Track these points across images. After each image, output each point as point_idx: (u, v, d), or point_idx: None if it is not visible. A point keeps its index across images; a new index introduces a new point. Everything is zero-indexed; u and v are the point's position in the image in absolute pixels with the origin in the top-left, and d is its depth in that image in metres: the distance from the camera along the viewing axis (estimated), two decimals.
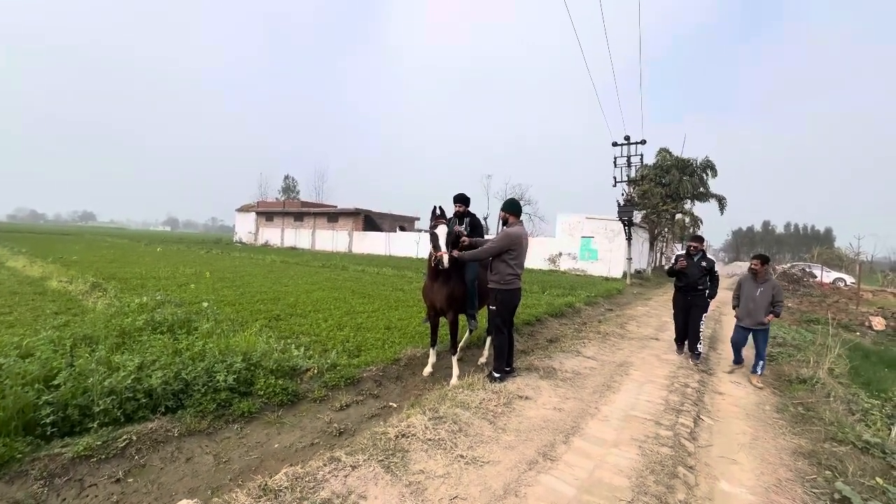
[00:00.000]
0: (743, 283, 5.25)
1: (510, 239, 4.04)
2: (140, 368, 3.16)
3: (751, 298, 5.07)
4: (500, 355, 4.21)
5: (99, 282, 8.89)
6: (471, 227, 4.73)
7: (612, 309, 10.78)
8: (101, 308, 6.32)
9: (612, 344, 6.43)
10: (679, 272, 5.80)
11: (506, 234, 4.08)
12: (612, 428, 3.30)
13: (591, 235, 22.86)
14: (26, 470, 2.27)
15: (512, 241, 4.04)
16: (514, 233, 4.08)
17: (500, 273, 4.08)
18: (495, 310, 4.12)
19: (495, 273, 4.10)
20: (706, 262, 5.69)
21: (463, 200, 4.73)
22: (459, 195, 4.75)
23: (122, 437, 2.61)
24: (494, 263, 4.11)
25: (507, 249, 4.04)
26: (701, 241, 5.88)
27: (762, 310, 4.97)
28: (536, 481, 2.44)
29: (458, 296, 4.27)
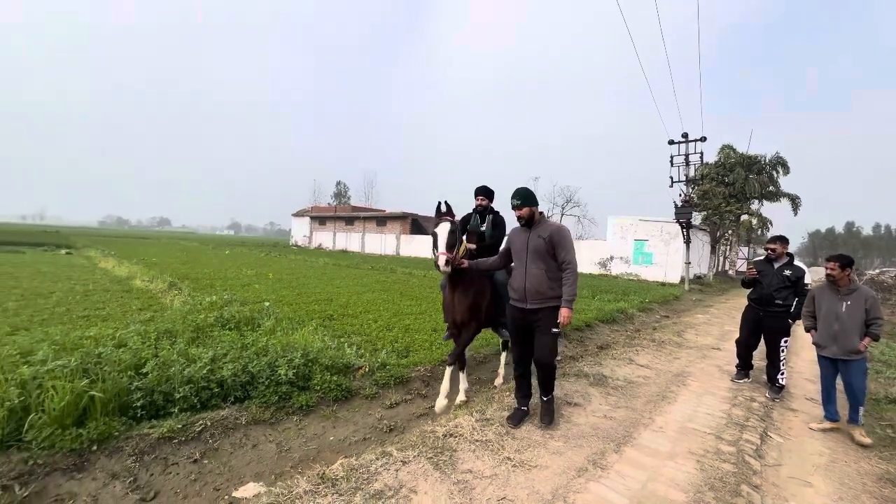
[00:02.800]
0: (819, 296, 3.83)
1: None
2: (213, 361, 3.47)
3: (833, 317, 3.62)
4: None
5: (175, 281, 9.77)
6: (493, 225, 4.08)
7: (668, 316, 10.24)
8: (177, 305, 6.96)
9: (668, 353, 6.11)
10: (752, 282, 4.76)
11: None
12: (668, 440, 3.16)
13: (646, 238, 21.82)
14: (121, 446, 2.58)
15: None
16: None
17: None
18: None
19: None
20: (791, 271, 4.46)
21: (486, 193, 4.13)
22: (482, 187, 4.14)
23: (198, 423, 2.89)
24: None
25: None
26: (784, 243, 4.65)
27: (854, 332, 3.49)
28: (586, 489, 2.40)
29: (481, 305, 3.63)
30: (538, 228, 3.11)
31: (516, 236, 3.23)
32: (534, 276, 3.05)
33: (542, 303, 3.04)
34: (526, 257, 3.10)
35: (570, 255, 3.03)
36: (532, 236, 3.10)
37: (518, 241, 3.19)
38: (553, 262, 3.06)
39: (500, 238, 4.06)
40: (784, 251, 4.63)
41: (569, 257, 3.02)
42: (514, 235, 3.26)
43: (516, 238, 3.23)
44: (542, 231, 3.08)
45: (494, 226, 4.10)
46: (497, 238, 4.08)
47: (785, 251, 4.63)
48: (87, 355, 3.23)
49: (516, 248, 3.20)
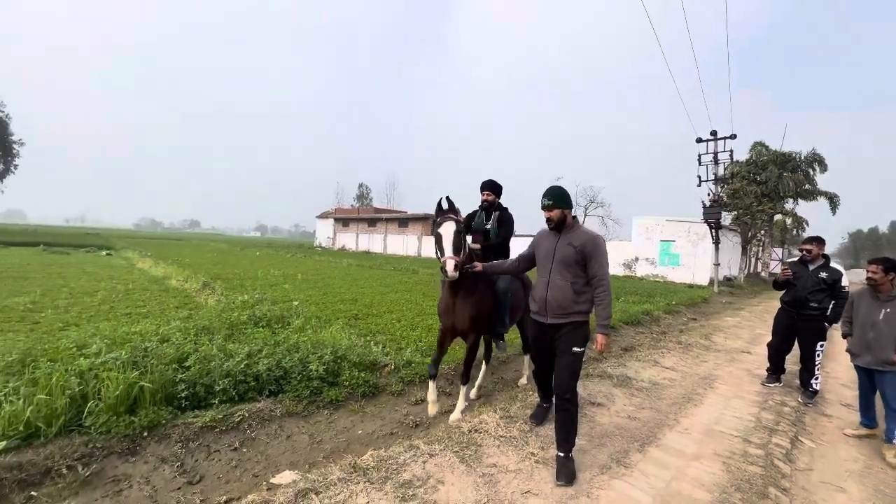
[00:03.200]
0: (858, 301, 3.60)
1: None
2: (249, 356, 3.66)
3: (869, 324, 3.41)
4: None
5: (208, 281, 10.19)
6: (498, 222, 3.76)
7: (695, 318, 10.00)
8: (212, 304, 7.29)
9: (696, 355, 6.01)
10: (785, 283, 4.61)
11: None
12: (693, 441, 3.14)
13: (672, 239, 21.32)
14: (169, 433, 2.78)
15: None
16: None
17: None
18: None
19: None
20: (827, 273, 4.33)
21: (492, 188, 3.80)
22: (488, 181, 3.81)
23: (237, 414, 3.07)
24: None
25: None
26: (820, 244, 4.50)
27: (889, 341, 3.27)
28: (609, 485, 2.44)
29: (485, 313, 3.31)
30: (569, 234, 2.69)
31: (542, 240, 2.84)
32: (557, 287, 2.65)
33: (565, 318, 2.65)
34: (551, 265, 2.71)
35: (604, 270, 2.63)
36: (561, 243, 2.69)
37: (544, 247, 2.80)
38: (582, 275, 2.66)
39: (508, 237, 3.80)
40: (820, 253, 4.47)
41: (602, 273, 2.61)
42: (541, 239, 2.86)
43: (542, 242, 2.84)
44: (573, 238, 2.66)
45: (501, 224, 3.77)
46: (504, 237, 3.78)
47: (821, 253, 4.48)
48: (135, 349, 3.48)
49: (541, 253, 2.81)
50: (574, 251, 2.63)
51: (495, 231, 3.75)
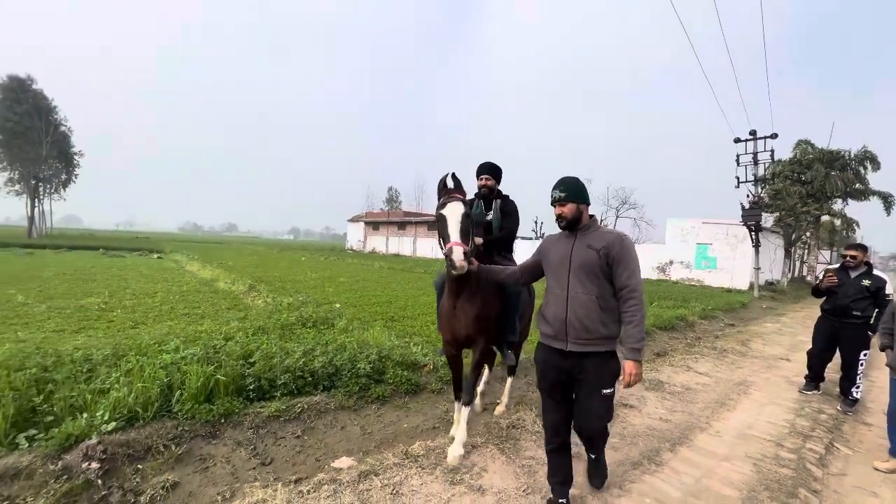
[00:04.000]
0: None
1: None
2: (305, 354, 4.03)
3: None
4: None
5: (253, 284, 10.85)
6: (502, 213, 3.24)
7: (733, 324, 9.80)
8: (260, 305, 7.84)
9: (731, 362, 5.99)
10: (827, 291, 4.52)
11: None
12: (724, 444, 3.26)
13: (709, 242, 20.71)
14: (242, 421, 3.16)
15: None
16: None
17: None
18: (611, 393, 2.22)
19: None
20: (870, 281, 4.25)
21: (491, 171, 3.26)
22: (486, 164, 3.29)
23: (297, 406, 3.43)
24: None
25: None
26: (863, 251, 4.47)
27: None
28: (640, 480, 2.62)
29: (493, 314, 2.85)
30: (588, 236, 2.18)
31: (553, 245, 2.30)
32: (580, 303, 2.10)
33: (590, 345, 2.10)
34: (568, 275, 2.15)
35: (636, 279, 2.09)
36: (578, 246, 2.17)
37: (556, 252, 2.25)
38: (608, 286, 2.12)
39: (513, 231, 3.30)
40: (864, 260, 4.42)
41: (633, 282, 2.08)
42: (550, 244, 2.33)
43: (553, 247, 2.29)
44: (593, 240, 2.14)
45: (505, 214, 3.25)
46: (510, 230, 3.27)
47: (865, 260, 4.43)
48: (207, 346, 3.92)
49: (552, 260, 2.26)
50: (596, 256, 2.09)
51: (498, 223, 3.23)
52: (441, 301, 3.00)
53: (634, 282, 2.11)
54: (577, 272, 2.15)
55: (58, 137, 36.90)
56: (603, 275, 2.13)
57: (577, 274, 2.16)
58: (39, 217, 37.85)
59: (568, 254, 2.20)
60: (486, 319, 2.80)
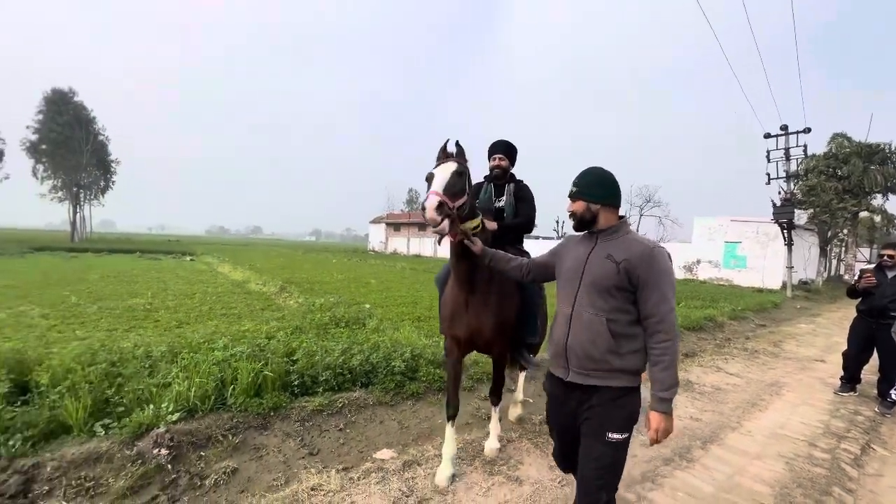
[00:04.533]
0: None
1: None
2: (343, 353, 4.25)
3: None
4: None
5: (284, 285, 11.25)
6: (515, 197, 2.91)
7: (764, 325, 9.59)
8: (293, 306, 8.16)
9: (763, 363, 5.92)
10: (864, 292, 4.43)
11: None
12: (756, 443, 3.29)
13: (738, 240, 20.17)
14: (289, 414, 3.38)
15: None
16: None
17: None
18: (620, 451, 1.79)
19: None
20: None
21: (505, 150, 2.91)
22: (500, 142, 2.93)
23: (338, 401, 3.64)
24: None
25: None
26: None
27: None
28: (672, 475, 2.70)
29: (512, 315, 2.51)
30: (610, 242, 1.74)
31: (569, 248, 1.90)
32: (584, 323, 1.69)
33: (596, 377, 1.68)
34: (577, 289, 1.75)
35: (667, 305, 1.63)
36: (596, 254, 1.74)
37: (570, 258, 1.85)
38: (627, 308, 1.68)
39: (530, 218, 2.94)
40: None
41: (662, 309, 1.62)
42: (567, 247, 1.94)
43: (568, 252, 1.89)
44: (615, 248, 1.70)
45: (519, 200, 2.90)
46: (527, 217, 2.91)
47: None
48: (252, 344, 4.18)
49: (565, 267, 1.85)
50: (615, 269, 1.65)
51: (512, 209, 2.87)
52: (444, 296, 2.63)
53: (665, 310, 1.60)
54: (588, 287, 1.71)
55: (97, 146, 38.86)
56: (620, 294, 1.66)
57: (588, 289, 1.71)
58: (80, 222, 39.90)
59: (582, 262, 1.76)
60: (506, 319, 2.42)
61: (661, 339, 1.62)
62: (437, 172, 2.16)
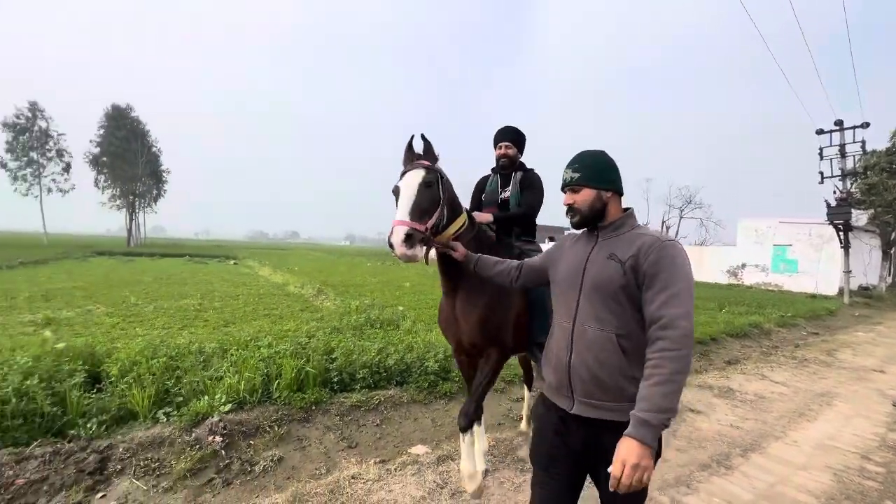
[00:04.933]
0: None
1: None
2: (379, 352, 4.42)
3: None
4: None
5: (321, 288, 11.68)
6: (521, 186, 2.65)
7: (816, 333, 9.04)
8: (330, 308, 8.48)
9: (813, 371, 5.62)
10: None
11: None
12: (802, 453, 3.16)
13: (788, 243, 19.06)
14: (329, 408, 3.57)
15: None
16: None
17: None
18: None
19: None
20: None
21: (513, 138, 2.67)
22: (507, 128, 2.70)
23: (375, 398, 3.79)
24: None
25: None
26: None
27: None
28: (709, 481, 2.66)
29: (506, 320, 2.20)
30: (614, 239, 1.44)
31: (566, 250, 1.59)
32: (589, 342, 1.38)
33: (607, 409, 1.35)
34: (577, 298, 1.44)
35: (679, 307, 1.26)
36: (597, 254, 1.45)
37: (566, 261, 1.55)
38: (638, 317, 1.35)
39: (535, 207, 2.68)
40: None
41: (670, 312, 1.26)
42: (563, 249, 1.62)
43: (563, 255, 1.59)
44: (620, 246, 1.41)
45: (525, 188, 2.65)
46: (530, 205, 2.65)
47: None
48: (294, 343, 4.42)
49: (560, 273, 1.56)
50: (620, 270, 1.35)
51: (517, 199, 2.64)
52: (440, 302, 2.46)
53: (674, 314, 1.24)
54: (590, 294, 1.40)
55: (150, 157, 41.73)
56: (630, 301, 1.35)
57: (590, 297, 1.41)
58: (135, 228, 42.87)
59: (581, 265, 1.45)
60: (496, 323, 2.16)
61: (662, 347, 1.22)
62: (402, 186, 1.91)
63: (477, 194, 2.89)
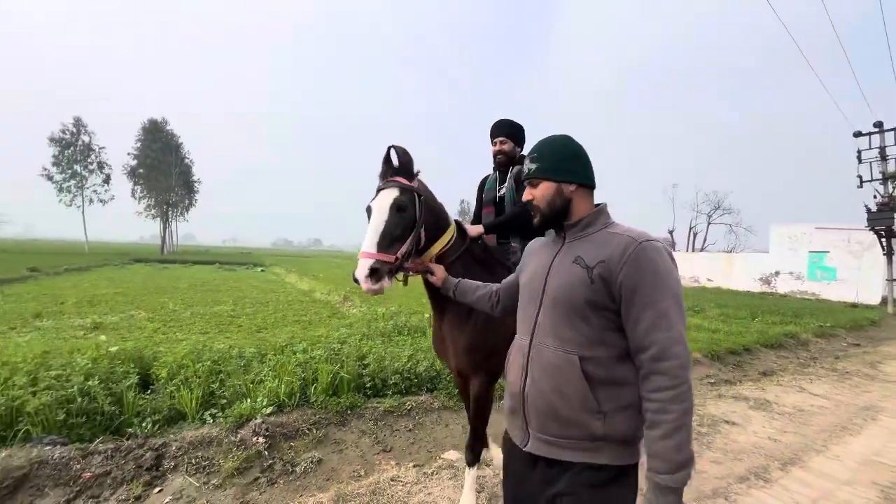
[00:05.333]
0: None
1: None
2: (409, 358, 4.52)
3: None
4: None
5: (347, 295, 11.92)
6: (516, 184, 2.39)
7: (858, 344, 8.66)
8: (357, 314, 8.66)
9: (855, 384, 5.40)
10: None
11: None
12: (846, 468, 3.07)
13: (825, 250, 18.30)
14: (363, 413, 3.68)
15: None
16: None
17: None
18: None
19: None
20: None
21: (509, 132, 2.47)
22: (500, 122, 2.49)
23: (407, 403, 3.88)
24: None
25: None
26: None
27: None
28: (747, 493, 2.62)
29: (498, 339, 1.91)
30: (582, 241, 1.23)
31: (532, 256, 1.39)
32: (550, 365, 1.16)
33: (567, 447, 1.13)
34: (537, 310, 1.24)
35: (670, 330, 1.04)
36: (561, 258, 1.24)
37: (529, 269, 1.36)
38: (614, 338, 1.13)
39: (527, 206, 2.19)
40: None
41: (661, 336, 1.04)
42: (531, 254, 1.41)
43: (531, 258, 1.39)
44: (588, 248, 1.19)
45: (520, 184, 2.36)
46: (522, 205, 2.11)
47: None
48: (327, 348, 4.57)
49: (524, 282, 1.36)
50: (586, 278, 1.13)
51: (512, 196, 2.38)
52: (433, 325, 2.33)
53: (665, 338, 1.03)
54: (550, 307, 1.19)
55: (183, 169, 43.59)
56: (598, 316, 1.12)
57: (549, 311, 1.19)
58: (169, 236, 44.69)
59: (544, 273, 1.24)
60: (485, 351, 1.95)
61: (661, 386, 1.02)
62: (373, 209, 1.74)
63: (479, 194, 2.72)
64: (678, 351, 1.02)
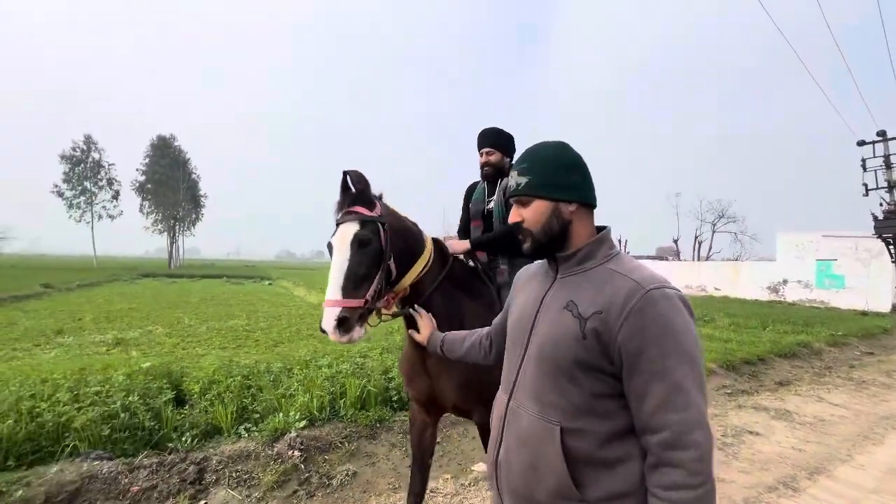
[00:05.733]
0: None
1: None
2: None
3: None
4: None
5: None
6: (504, 196, 2.15)
7: (871, 352, 8.65)
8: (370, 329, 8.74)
9: (873, 394, 5.43)
10: None
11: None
12: (872, 477, 3.11)
13: (833, 258, 18.30)
14: (392, 426, 3.75)
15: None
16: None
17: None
18: None
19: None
20: None
21: (497, 142, 2.26)
22: (487, 131, 2.28)
23: None
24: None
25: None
26: None
27: None
28: (777, 503, 2.68)
29: (488, 379, 1.48)
30: (576, 276, 0.98)
31: (521, 290, 1.15)
32: (527, 435, 0.95)
33: None
34: (520, 360, 1.02)
35: (692, 407, 0.80)
36: (552, 297, 1.00)
37: (518, 303, 1.12)
38: (608, 408, 0.89)
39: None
40: None
41: (683, 419, 0.79)
42: (520, 287, 1.17)
43: (517, 295, 1.16)
44: (583, 289, 0.94)
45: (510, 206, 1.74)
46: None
47: None
48: (353, 363, 4.66)
49: (514, 322, 1.10)
50: (578, 331, 0.89)
51: (500, 212, 2.18)
52: (405, 348, 2.05)
53: (681, 420, 0.80)
54: (534, 360, 0.98)
55: (190, 184, 44.16)
56: (589, 378, 0.90)
57: (533, 364, 0.98)
58: (175, 250, 45.07)
59: (532, 313, 1.02)
60: (480, 386, 1.67)
61: (676, 483, 0.79)
62: (333, 246, 1.54)
63: (465, 203, 2.47)
64: (698, 438, 0.79)
